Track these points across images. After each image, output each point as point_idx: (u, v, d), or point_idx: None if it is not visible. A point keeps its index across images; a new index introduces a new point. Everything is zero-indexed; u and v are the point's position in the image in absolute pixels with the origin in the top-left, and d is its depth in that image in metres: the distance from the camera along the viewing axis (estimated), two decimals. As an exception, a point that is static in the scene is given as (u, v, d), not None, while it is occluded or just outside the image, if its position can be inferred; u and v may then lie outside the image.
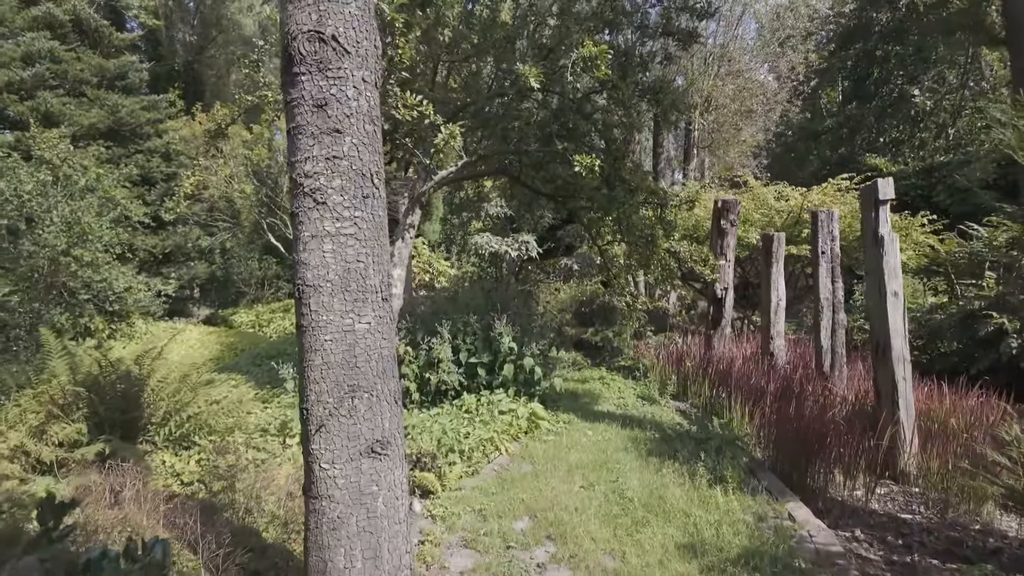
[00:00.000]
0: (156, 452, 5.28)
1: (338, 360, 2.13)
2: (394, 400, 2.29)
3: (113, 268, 11.22)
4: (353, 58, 2.14)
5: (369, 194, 2.18)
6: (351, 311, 2.15)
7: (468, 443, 5.06)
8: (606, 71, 4.70)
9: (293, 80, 2.13)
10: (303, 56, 2.10)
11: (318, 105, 2.10)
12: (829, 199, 9.18)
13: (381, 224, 2.25)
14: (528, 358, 6.31)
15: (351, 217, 2.14)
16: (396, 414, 2.31)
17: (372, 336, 2.20)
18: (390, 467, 2.26)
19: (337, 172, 2.12)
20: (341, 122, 2.11)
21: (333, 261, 2.12)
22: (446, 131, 4.99)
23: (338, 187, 2.12)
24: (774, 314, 7.05)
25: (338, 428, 2.14)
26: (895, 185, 5.30)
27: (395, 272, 5.73)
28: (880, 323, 5.13)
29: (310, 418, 2.16)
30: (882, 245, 5.10)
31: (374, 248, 2.20)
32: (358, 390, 2.16)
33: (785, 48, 14.01)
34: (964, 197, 12.83)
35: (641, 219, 6.57)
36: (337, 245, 2.12)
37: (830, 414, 5.34)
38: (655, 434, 5.54)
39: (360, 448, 2.17)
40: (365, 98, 2.18)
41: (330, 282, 2.12)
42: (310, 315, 2.13)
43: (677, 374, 7.47)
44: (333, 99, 2.11)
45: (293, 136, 2.15)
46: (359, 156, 2.15)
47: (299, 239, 2.15)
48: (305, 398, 2.17)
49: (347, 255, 2.14)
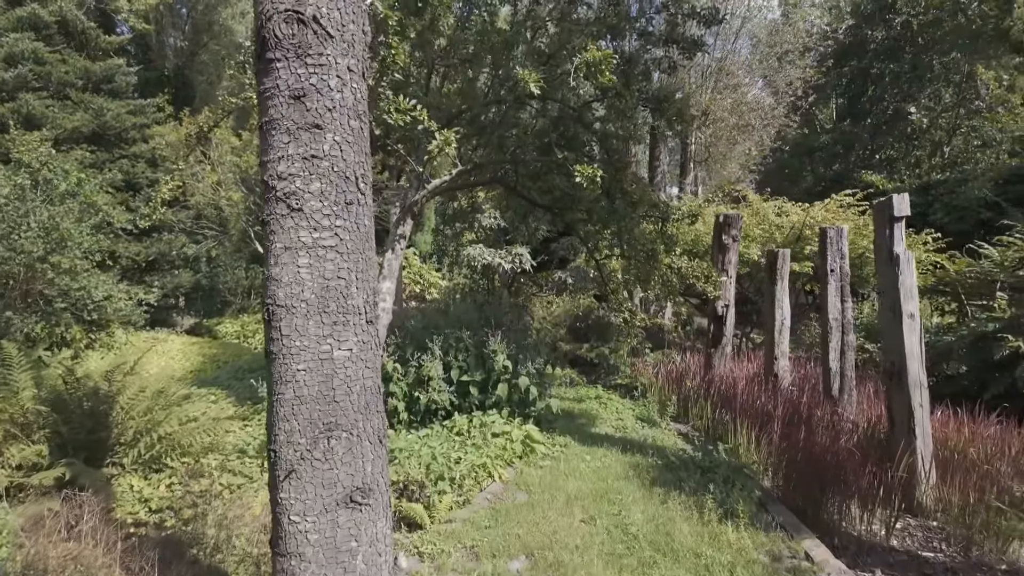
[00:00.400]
0: (124, 475, 4.90)
1: (312, 393, 1.82)
2: (378, 440, 1.98)
3: (92, 276, 10.81)
4: (337, 43, 1.85)
5: (353, 200, 1.88)
6: (329, 336, 1.84)
7: (459, 469, 4.72)
8: (610, 76, 4.45)
9: (267, 68, 1.84)
10: (279, 40, 1.81)
11: (295, 96, 1.81)
12: (832, 215, 8.99)
13: (366, 235, 1.95)
14: (523, 377, 6.00)
15: (331, 226, 1.84)
16: (380, 456, 2.00)
17: (354, 365, 1.89)
18: (372, 519, 1.94)
19: (316, 174, 1.82)
20: (322, 116, 1.82)
21: (309, 277, 1.81)
22: (440, 137, 4.72)
23: (317, 191, 1.82)
24: (778, 333, 6.80)
25: (311, 474, 1.82)
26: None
27: (384, 285, 5.43)
28: (895, 346, 4.88)
29: (278, 462, 1.84)
30: (897, 264, 4.86)
31: (358, 262, 1.90)
32: (335, 428, 1.85)
33: (783, 63, 13.92)
34: (962, 215, 12.74)
35: (642, 233, 6.32)
36: (314, 259, 1.82)
37: (842, 441, 5.07)
38: (658, 460, 5.23)
39: (337, 497, 1.85)
40: (351, 90, 1.89)
41: (305, 302, 1.81)
42: (281, 340, 1.82)
43: (677, 394, 7.17)
44: (313, 90, 1.82)
45: (266, 132, 1.86)
46: (342, 156, 1.85)
47: (270, 251, 1.84)
48: (273, 438, 1.85)
49: (326, 270, 1.83)
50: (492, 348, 6.08)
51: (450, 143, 4.75)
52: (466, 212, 9.95)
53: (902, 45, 17.56)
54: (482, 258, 11.55)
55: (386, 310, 5.40)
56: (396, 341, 6.41)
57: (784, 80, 14.35)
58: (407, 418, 6.04)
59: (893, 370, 4.91)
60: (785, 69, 14.09)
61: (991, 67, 14.80)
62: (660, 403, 7.11)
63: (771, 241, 9.36)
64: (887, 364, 4.98)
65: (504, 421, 5.83)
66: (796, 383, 6.88)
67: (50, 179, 10.45)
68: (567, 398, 7.57)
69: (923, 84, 16.93)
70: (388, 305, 5.42)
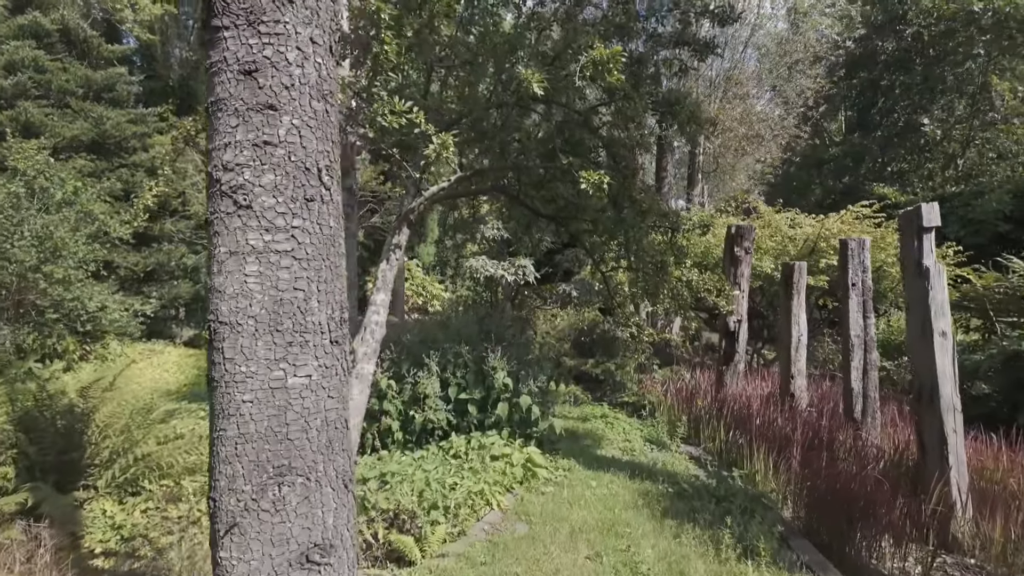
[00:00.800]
0: (96, 500, 4.57)
1: (261, 430, 1.50)
2: (342, 484, 1.65)
3: (87, 286, 10.56)
4: (298, 9, 1.55)
5: (314, 196, 1.57)
6: (283, 359, 1.52)
7: (455, 497, 4.37)
8: (619, 76, 4.16)
9: (214, 38, 1.54)
10: (227, 3, 1.51)
11: (246, 72, 1.51)
12: (848, 227, 8.65)
13: (331, 238, 1.64)
14: (525, 396, 5.66)
15: (286, 227, 1.53)
16: (345, 504, 1.67)
17: (313, 395, 1.57)
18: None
19: (269, 164, 1.51)
20: (277, 96, 1.52)
21: (259, 289, 1.50)
22: (438, 141, 4.43)
23: (269, 185, 1.51)
24: (795, 351, 6.43)
25: (257, 528, 1.50)
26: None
27: (378, 297, 5.11)
28: (926, 367, 4.52)
29: (218, 513, 1.52)
30: (927, 278, 4.52)
31: (320, 271, 1.58)
32: (288, 472, 1.52)
33: (793, 72, 13.65)
34: (978, 229, 12.38)
35: (651, 244, 5.99)
36: (265, 266, 1.51)
37: (868, 468, 4.70)
38: (668, 488, 4.86)
39: (290, 556, 1.52)
40: (313, 65, 1.59)
41: (253, 318, 1.50)
42: (223, 365, 1.51)
43: (688, 414, 6.80)
44: (267, 64, 1.52)
45: (212, 115, 1.56)
46: (301, 143, 1.55)
47: (214, 258, 1.53)
48: (213, 484, 1.53)
49: (279, 280, 1.52)
50: (492, 364, 5.75)
51: (448, 147, 4.46)
52: (467, 222, 9.65)
53: (913, 57, 17.30)
54: (485, 270, 11.25)
55: (379, 323, 5.07)
56: (391, 356, 6.10)
57: (795, 90, 14.05)
58: (402, 438, 5.70)
59: (923, 393, 4.55)
60: (795, 78, 13.80)
61: (1006, 78, 14.49)
62: (670, 423, 6.75)
63: (784, 254, 9.02)
64: (916, 386, 4.63)
65: (504, 442, 5.49)
66: (814, 403, 6.50)
67: (46, 188, 10.25)
68: (571, 417, 7.22)
69: (935, 96, 16.64)
70: (382, 319, 5.10)
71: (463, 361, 6.04)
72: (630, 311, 7.75)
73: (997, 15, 13.69)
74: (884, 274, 8.59)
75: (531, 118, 6.19)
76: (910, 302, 4.70)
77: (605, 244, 6.73)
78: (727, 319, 7.15)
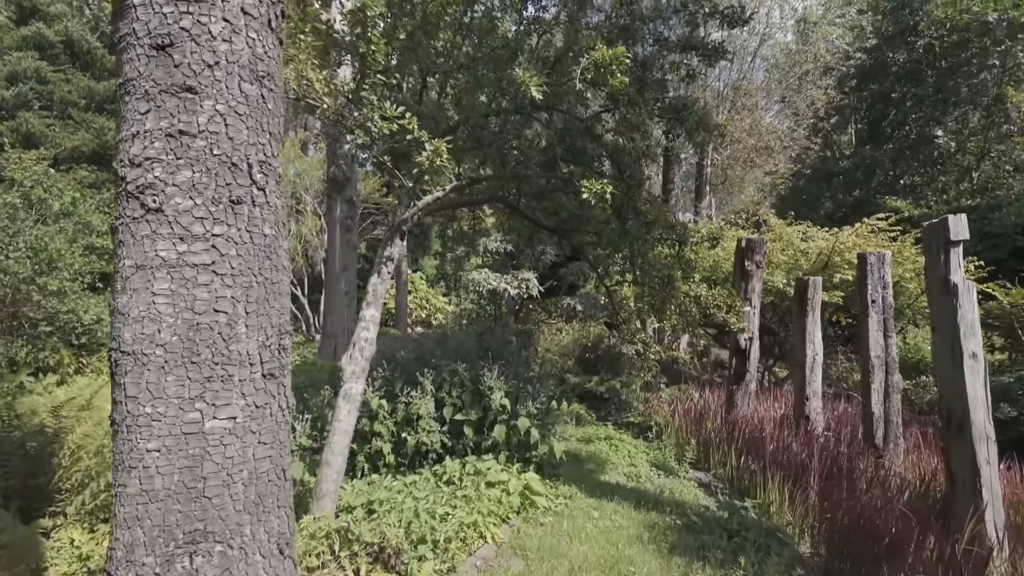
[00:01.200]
0: (65, 528, 4.28)
1: (169, 486, 1.21)
2: (276, 550, 1.35)
3: (82, 298, 10.37)
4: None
5: (243, 198, 1.29)
6: (199, 398, 1.24)
7: (445, 529, 4.05)
8: (622, 79, 3.89)
9: (123, 6, 1.27)
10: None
11: (158, 46, 1.24)
12: (863, 241, 8.32)
13: (268, 249, 1.35)
14: (523, 418, 5.34)
15: (206, 235, 1.25)
16: (282, 574, 1.37)
17: (238, 441, 1.28)
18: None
19: (186, 159, 1.24)
20: (198, 75, 1.25)
21: (170, 311, 1.22)
22: (430, 148, 4.17)
23: (186, 184, 1.23)
24: (810, 371, 6.09)
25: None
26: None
27: (367, 313, 4.84)
28: (955, 391, 4.18)
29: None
30: (955, 295, 4.20)
31: (249, 289, 1.30)
32: (204, 539, 1.23)
33: (804, 82, 13.39)
34: (996, 243, 12.00)
35: (657, 257, 5.70)
36: (179, 283, 1.23)
37: (893, 500, 4.35)
38: (676, 520, 4.51)
39: (203, 645, 1.23)
40: (245, 40, 1.31)
41: (162, 347, 1.21)
42: (125, 405, 1.22)
43: (697, 437, 6.45)
44: (185, 37, 1.25)
45: (121, 99, 1.29)
46: (226, 133, 1.27)
47: (118, 272, 1.25)
48: (109, 554, 1.24)
49: (196, 301, 1.24)
50: (489, 384, 5.45)
51: (441, 155, 4.20)
52: (467, 234, 9.39)
53: (924, 68, 17.01)
54: (487, 283, 10.97)
55: (369, 340, 4.79)
56: (384, 374, 5.81)
57: (805, 101, 13.78)
58: (394, 461, 5.39)
59: (952, 420, 4.21)
60: (806, 89, 13.54)
61: (1022, 89, 14.16)
62: (678, 446, 6.40)
63: (796, 268, 8.69)
64: (945, 412, 4.28)
65: (501, 467, 5.16)
66: (830, 427, 6.14)
67: (44, 198, 10.12)
68: (574, 438, 6.88)
69: (947, 107, 16.31)
70: (372, 335, 4.82)
71: (459, 380, 5.74)
72: (636, 327, 7.43)
73: (1012, 25, 13.41)
74: (901, 290, 8.24)
75: (532, 128, 5.95)
76: (936, 322, 4.37)
77: (609, 257, 6.44)
78: (738, 336, 6.82)
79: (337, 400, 4.62)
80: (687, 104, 4.67)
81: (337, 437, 4.51)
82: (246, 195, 1.30)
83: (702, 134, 4.66)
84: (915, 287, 8.31)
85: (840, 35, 14.67)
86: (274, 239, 1.38)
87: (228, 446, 1.27)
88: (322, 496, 4.38)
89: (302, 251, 17.08)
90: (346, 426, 4.57)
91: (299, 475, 4.56)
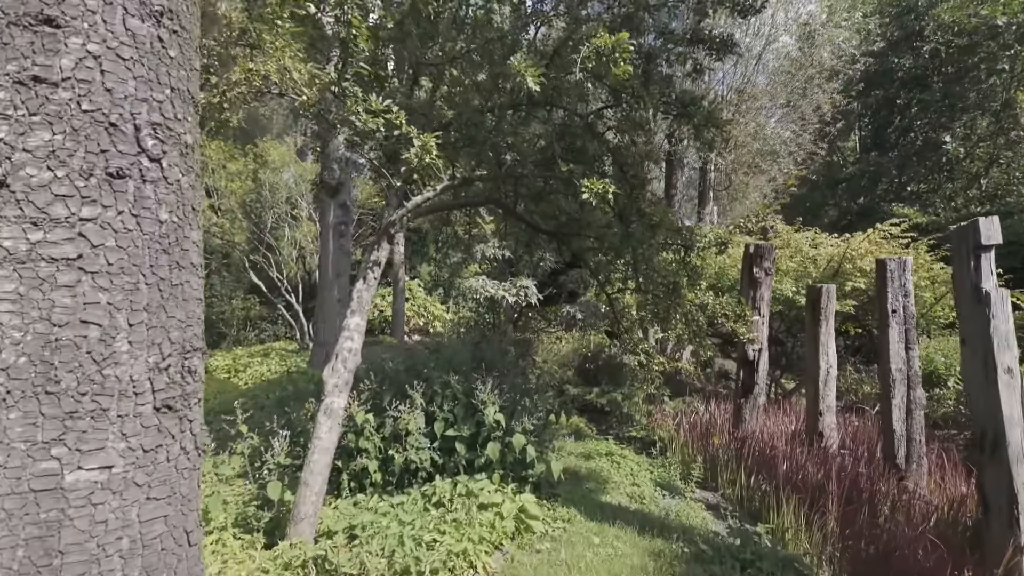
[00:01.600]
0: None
1: (10, 565, 0.87)
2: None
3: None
4: None
5: (127, 171, 0.97)
6: (58, 441, 0.90)
7: (432, 559, 3.70)
8: (626, 68, 3.58)
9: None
10: None
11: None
12: (875, 247, 8.00)
13: (167, 241, 1.02)
14: (519, 435, 4.99)
15: (70, 220, 0.92)
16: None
17: (116, 499, 0.94)
18: None
19: (42, 115, 0.91)
20: (61, 2, 0.92)
21: (16, 322, 0.89)
22: (419, 143, 3.87)
23: (42, 150, 0.90)
24: (823, 384, 5.75)
25: None
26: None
27: (352, 321, 4.50)
28: (988, 409, 3.84)
29: None
30: (988, 304, 3.87)
31: (135, 293, 0.96)
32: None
33: (811, 85, 13.12)
34: (1009, 250, 11.70)
35: (662, 263, 5.38)
36: (30, 283, 0.89)
37: (921, 528, 4.00)
38: (684, 547, 4.16)
39: None
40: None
41: (3, 372, 0.88)
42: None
43: (703, 454, 6.10)
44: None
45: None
46: (103, 83, 0.94)
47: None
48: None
49: (54, 309, 0.91)
50: (482, 398, 5.11)
51: (430, 150, 3.90)
52: (462, 239, 9.08)
53: (930, 74, 16.78)
54: (484, 290, 10.64)
55: (353, 351, 4.46)
56: (371, 387, 5.47)
57: (810, 105, 13.51)
58: (380, 480, 5.04)
59: (986, 440, 3.86)
60: (811, 93, 13.27)
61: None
62: (683, 464, 6.04)
63: (805, 276, 8.37)
64: (978, 433, 3.94)
65: (495, 488, 4.81)
66: (846, 444, 5.79)
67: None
68: (573, 454, 6.52)
69: (955, 113, 16.06)
70: (356, 345, 4.49)
71: (452, 392, 5.40)
72: (638, 337, 7.10)
73: (1022, 29, 13.17)
74: (915, 299, 7.91)
75: (531, 127, 5.65)
76: (967, 334, 4.04)
77: (611, 263, 6.13)
78: (746, 347, 6.48)
79: (318, 415, 4.29)
80: (695, 99, 4.36)
81: (317, 456, 4.17)
82: (131, 167, 0.98)
83: (711, 130, 4.35)
84: (930, 296, 7.98)
85: (847, 38, 14.42)
86: (176, 228, 1.05)
87: (99, 506, 0.93)
88: (300, 520, 4.04)
89: (298, 257, 16.80)
90: (327, 444, 4.23)
91: (277, 495, 4.21)
